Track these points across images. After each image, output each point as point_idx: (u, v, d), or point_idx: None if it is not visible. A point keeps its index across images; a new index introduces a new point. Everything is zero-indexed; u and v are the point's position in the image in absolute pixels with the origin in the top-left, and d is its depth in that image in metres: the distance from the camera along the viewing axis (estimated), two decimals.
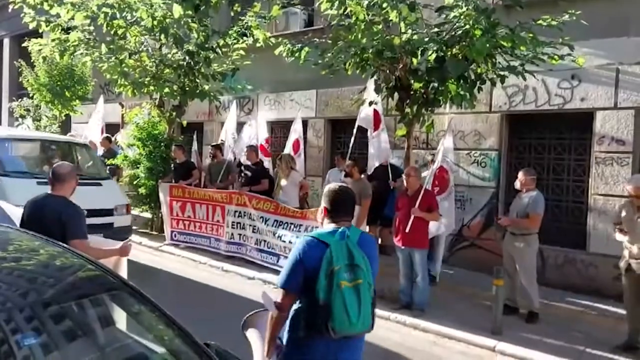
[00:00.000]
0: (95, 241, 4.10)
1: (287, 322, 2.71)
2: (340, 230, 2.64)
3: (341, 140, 10.44)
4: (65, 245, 2.76)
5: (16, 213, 4.30)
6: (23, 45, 10.90)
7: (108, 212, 7.69)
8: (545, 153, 8.05)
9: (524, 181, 6.22)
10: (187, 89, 9.69)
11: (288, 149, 9.46)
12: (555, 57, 6.18)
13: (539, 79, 7.23)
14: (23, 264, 2.37)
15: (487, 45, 5.59)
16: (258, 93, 11.35)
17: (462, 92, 6.27)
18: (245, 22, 9.69)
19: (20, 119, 15.47)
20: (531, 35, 5.84)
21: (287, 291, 2.63)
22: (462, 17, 5.93)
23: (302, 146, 9.75)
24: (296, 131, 9.66)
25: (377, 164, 8.25)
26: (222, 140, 10.39)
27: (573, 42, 6.00)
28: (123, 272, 3.80)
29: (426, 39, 6.10)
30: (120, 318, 2.24)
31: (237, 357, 2.33)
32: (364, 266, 2.58)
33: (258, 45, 9.60)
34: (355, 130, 8.18)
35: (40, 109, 15.18)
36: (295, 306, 2.69)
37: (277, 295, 2.67)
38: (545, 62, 6.19)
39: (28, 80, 14.12)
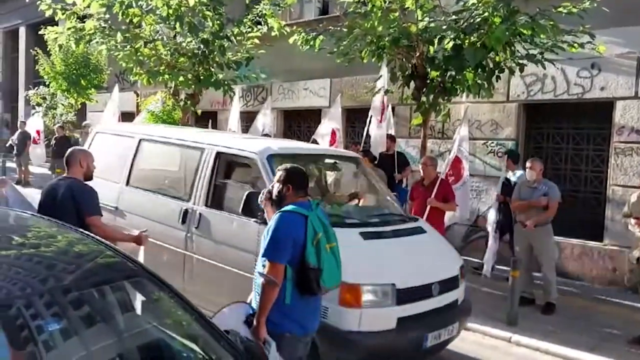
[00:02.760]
0: (109, 227, 4.16)
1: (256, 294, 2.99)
2: (309, 203, 3.02)
3: (355, 130, 10.39)
4: (84, 230, 2.78)
5: (36, 199, 4.35)
6: (39, 33, 10.94)
7: (454, 282, 4.49)
8: (563, 143, 7.94)
9: (541, 170, 6.14)
10: (202, 77, 9.67)
11: (325, 141, 8.93)
12: (575, 45, 6.07)
13: (558, 67, 7.12)
14: (42, 250, 2.38)
15: (507, 33, 5.50)
16: (272, 82, 11.32)
17: (479, 81, 6.19)
18: (260, 11, 9.64)
19: (36, 107, 15.59)
20: (551, 23, 5.73)
21: (280, 264, 2.87)
22: (480, 4, 5.84)
23: (340, 138, 9.05)
24: (334, 119, 9.10)
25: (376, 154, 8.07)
26: (230, 129, 10.38)
27: (593, 30, 5.89)
28: (140, 261, 3.83)
29: (444, 27, 6.02)
30: (140, 304, 2.25)
31: (255, 344, 2.33)
32: (333, 231, 3.04)
33: (272, 33, 9.55)
34: (368, 120, 8.12)
35: (56, 97, 15.30)
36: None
37: (266, 270, 2.90)
38: (565, 51, 6.08)
39: (44, 69, 14.24)
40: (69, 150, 4.19)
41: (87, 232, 2.75)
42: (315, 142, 8.57)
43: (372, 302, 3.87)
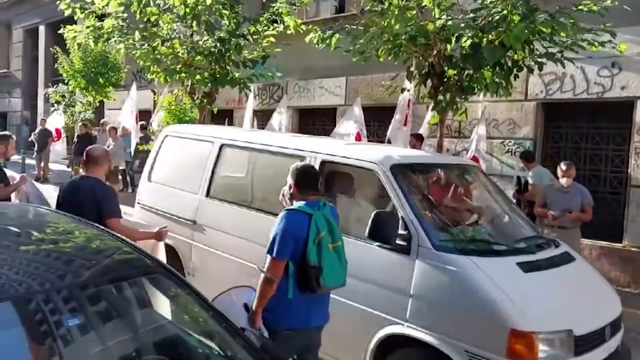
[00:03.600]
0: (129, 224, 4.18)
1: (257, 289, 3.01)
2: (317, 202, 3.05)
3: (370, 129, 10.35)
4: (102, 227, 2.81)
5: (53, 195, 4.39)
6: (58, 32, 11.06)
7: (619, 323, 3.93)
8: (582, 143, 7.83)
9: (573, 174, 6.04)
10: (218, 76, 9.71)
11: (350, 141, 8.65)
12: (596, 43, 5.98)
13: (577, 66, 7.02)
14: (60, 246, 2.41)
15: (526, 31, 5.42)
16: (287, 80, 11.33)
17: (497, 80, 6.12)
18: (276, 9, 9.64)
19: (55, 105, 15.80)
20: (572, 21, 5.64)
21: (281, 260, 2.94)
22: (499, 2, 5.76)
23: (364, 139, 8.91)
24: (356, 119, 8.97)
25: None
26: (244, 126, 10.42)
27: (614, 28, 5.79)
28: (161, 256, 3.86)
29: (461, 25, 5.95)
30: (157, 300, 2.26)
31: (272, 342, 2.33)
32: (338, 231, 3.07)
33: (288, 32, 9.55)
34: (393, 120, 8.10)
35: (74, 95, 15.47)
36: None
37: (266, 266, 2.97)
38: (585, 49, 5.99)
39: (63, 67, 14.40)
40: (90, 148, 4.16)
41: (105, 228, 2.77)
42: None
43: (549, 355, 3.16)
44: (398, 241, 3.53)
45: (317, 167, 4.10)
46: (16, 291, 1.93)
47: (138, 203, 5.76)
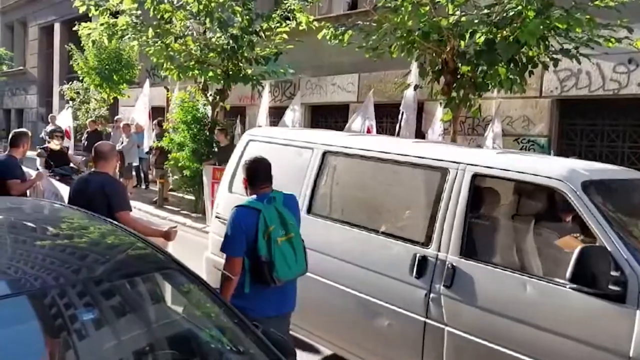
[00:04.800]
0: (139, 221, 4.22)
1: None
2: (267, 196, 3.06)
3: (383, 125, 10.32)
4: (115, 222, 2.84)
5: (66, 191, 4.45)
6: (73, 29, 11.17)
7: None
8: (598, 140, 7.74)
9: None
10: (231, 72, 9.75)
11: None
12: (612, 39, 5.89)
13: (593, 62, 6.93)
14: (75, 241, 2.43)
15: (541, 27, 5.36)
16: (300, 77, 11.32)
17: (512, 76, 6.06)
18: (289, 6, 9.64)
19: (70, 102, 15.95)
20: (588, 16, 5.57)
21: (235, 257, 3.00)
22: None
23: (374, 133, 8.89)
24: (368, 115, 8.97)
25: None
26: (259, 125, 10.44)
27: (631, 24, 5.70)
28: None
29: (475, 21, 5.90)
30: (170, 296, 2.28)
31: (283, 337, 2.34)
32: (292, 221, 3.08)
33: (301, 28, 9.55)
34: (400, 116, 8.06)
35: (89, 92, 15.61)
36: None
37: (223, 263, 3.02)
38: (601, 45, 5.91)
39: (78, 64, 14.53)
40: (101, 144, 4.23)
41: (118, 224, 2.80)
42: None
43: None
44: (610, 286, 2.74)
45: (467, 182, 3.38)
46: (31, 285, 1.96)
47: (216, 217, 4.97)
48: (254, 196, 3.11)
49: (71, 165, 7.69)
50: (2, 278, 1.97)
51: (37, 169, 6.71)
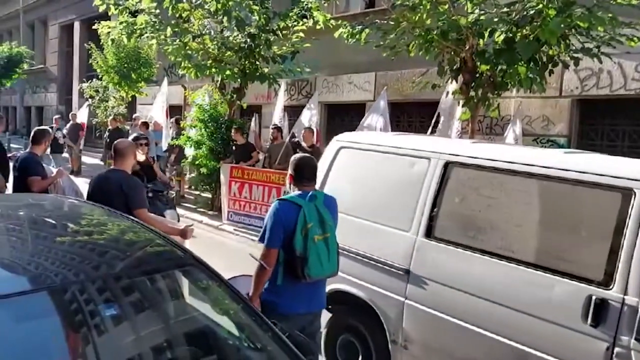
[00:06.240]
0: (156, 219, 4.25)
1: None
2: (309, 193, 3.12)
3: (400, 124, 10.27)
4: (133, 218, 2.86)
5: (86, 188, 4.50)
6: (93, 28, 11.29)
7: None
8: (619, 140, 7.61)
9: None
10: (248, 71, 9.78)
11: None
12: (635, 38, 5.79)
13: (615, 61, 6.81)
14: (96, 237, 2.45)
15: (562, 25, 5.28)
16: (316, 76, 11.32)
17: (532, 75, 5.99)
18: (306, 4, 9.64)
19: (89, 100, 16.14)
20: (610, 15, 5.48)
21: (272, 249, 3.05)
22: None
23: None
24: (381, 112, 8.94)
25: None
26: (274, 123, 10.46)
27: None
28: None
29: (495, 19, 5.84)
30: (190, 292, 2.29)
31: (302, 336, 2.34)
32: (330, 222, 3.13)
33: (318, 27, 9.54)
34: (435, 118, 8.04)
35: (108, 90, 15.78)
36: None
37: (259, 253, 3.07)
38: (623, 44, 5.81)
39: (97, 62, 14.70)
40: (119, 142, 4.27)
41: (139, 221, 2.82)
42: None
43: None
44: None
45: None
46: (52, 281, 1.98)
47: None
48: (298, 192, 3.17)
49: (160, 178, 6.80)
50: (23, 274, 2.00)
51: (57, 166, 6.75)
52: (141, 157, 6.47)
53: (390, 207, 3.80)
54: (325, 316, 3.89)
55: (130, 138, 6.69)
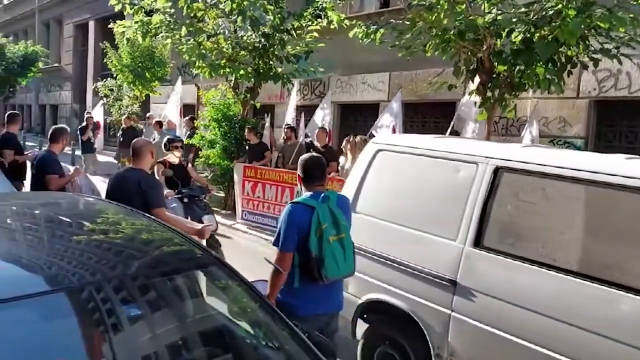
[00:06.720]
0: (173, 218, 4.26)
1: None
2: (322, 194, 3.09)
3: (414, 125, 10.22)
4: (152, 217, 2.85)
5: (103, 187, 4.52)
6: (108, 27, 11.36)
7: None
8: (637, 142, 7.50)
9: None
10: (261, 71, 9.79)
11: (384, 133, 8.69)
12: None
13: (634, 62, 6.72)
14: (111, 237, 2.44)
15: (581, 26, 5.21)
16: (330, 76, 11.29)
17: (550, 76, 5.92)
18: (320, 4, 9.63)
19: (103, 99, 16.25)
20: (631, 15, 5.39)
21: (287, 252, 3.04)
22: None
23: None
24: (394, 114, 8.91)
25: None
26: (287, 123, 10.44)
27: None
28: None
29: (513, 20, 5.78)
30: (211, 292, 2.28)
31: (322, 337, 2.32)
32: (344, 222, 3.11)
33: (332, 27, 9.51)
34: (451, 128, 8.00)
35: (122, 89, 15.87)
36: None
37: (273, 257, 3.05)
38: None
39: (112, 61, 14.78)
40: (136, 141, 4.29)
41: (155, 219, 2.81)
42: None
43: None
44: None
45: None
46: (70, 282, 1.97)
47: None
48: (309, 193, 3.14)
49: (196, 183, 6.67)
50: (41, 274, 1.99)
51: (72, 165, 6.78)
52: (175, 159, 6.51)
53: (433, 214, 3.60)
54: (362, 326, 3.87)
55: (165, 140, 6.65)
